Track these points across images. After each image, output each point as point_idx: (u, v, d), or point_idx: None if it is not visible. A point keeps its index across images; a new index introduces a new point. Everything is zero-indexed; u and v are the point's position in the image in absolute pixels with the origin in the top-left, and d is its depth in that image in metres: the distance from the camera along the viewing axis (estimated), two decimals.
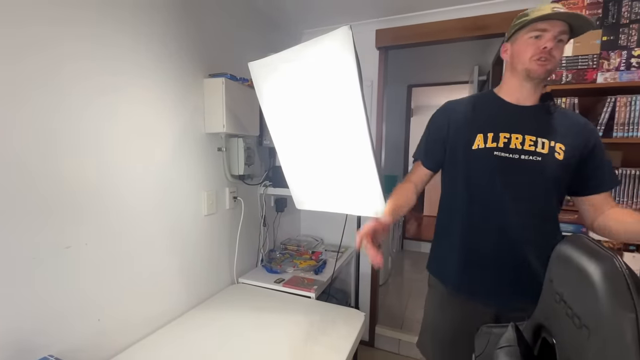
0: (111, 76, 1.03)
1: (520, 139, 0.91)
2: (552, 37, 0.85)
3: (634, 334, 0.30)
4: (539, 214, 0.92)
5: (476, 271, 0.97)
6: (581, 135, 0.91)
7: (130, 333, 1.12)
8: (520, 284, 0.92)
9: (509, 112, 0.95)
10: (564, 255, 0.44)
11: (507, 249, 0.93)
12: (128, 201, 1.10)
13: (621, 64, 1.32)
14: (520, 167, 0.91)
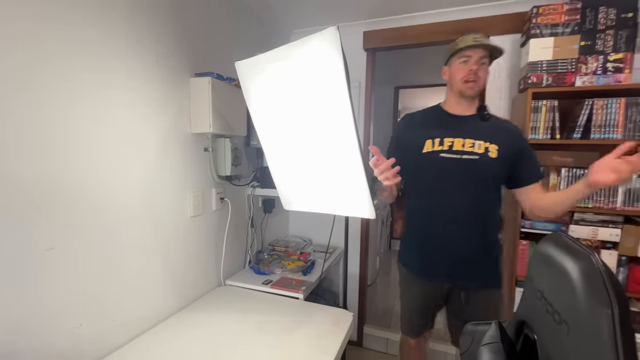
0: (96, 75, 1.00)
1: (461, 142, 1.13)
2: (475, 61, 1.10)
3: (609, 329, 0.31)
4: (480, 205, 1.13)
5: (432, 257, 1.20)
6: (512, 138, 1.14)
7: (114, 337, 1.09)
8: (467, 266, 1.15)
9: (452, 121, 1.18)
10: (543, 254, 0.45)
11: (455, 237, 1.14)
12: (111, 202, 1.07)
13: (598, 68, 1.37)
14: (462, 164, 1.12)
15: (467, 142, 1.12)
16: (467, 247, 1.14)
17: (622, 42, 1.33)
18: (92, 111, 1.00)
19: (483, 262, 1.16)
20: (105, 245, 1.05)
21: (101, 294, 1.05)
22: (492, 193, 1.15)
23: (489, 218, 1.16)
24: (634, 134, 1.35)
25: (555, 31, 1.41)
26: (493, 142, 1.11)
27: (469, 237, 1.14)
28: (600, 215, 1.42)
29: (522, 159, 1.13)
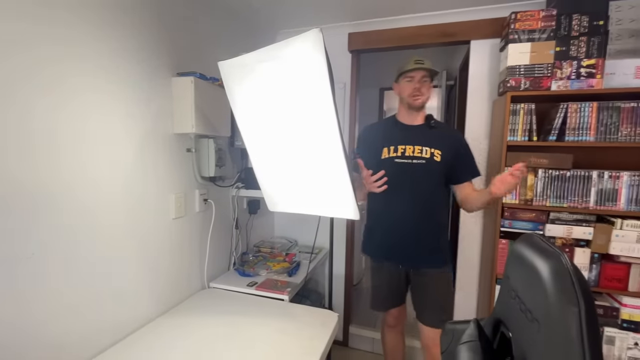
0: (75, 74, 0.96)
1: (412, 149, 1.35)
2: (418, 80, 1.33)
3: (577, 327, 0.33)
4: (429, 201, 1.35)
5: (390, 246, 1.42)
6: (452, 144, 1.36)
7: (94, 343, 1.05)
8: (420, 252, 1.38)
9: (404, 130, 1.40)
10: (517, 253, 0.47)
11: (408, 228, 1.36)
12: (90, 204, 1.03)
13: (572, 73, 1.42)
14: (412, 168, 1.34)
15: (417, 148, 1.35)
16: (418, 236, 1.37)
17: (594, 49, 1.39)
18: (70, 110, 0.96)
19: (432, 248, 1.38)
20: (80, 250, 1.02)
21: (81, 299, 1.01)
22: (439, 190, 1.38)
23: (437, 211, 1.38)
24: (605, 136, 1.41)
25: (532, 37, 1.46)
26: (437, 148, 1.34)
27: (419, 228, 1.36)
28: (575, 215, 1.48)
29: (459, 161, 1.36)
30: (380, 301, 1.55)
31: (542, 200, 1.51)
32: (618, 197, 1.41)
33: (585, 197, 1.45)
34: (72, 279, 0.99)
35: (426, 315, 1.44)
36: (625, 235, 1.39)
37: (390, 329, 1.63)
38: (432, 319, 1.42)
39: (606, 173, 1.42)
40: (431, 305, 1.43)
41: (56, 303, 0.95)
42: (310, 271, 1.73)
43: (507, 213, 1.56)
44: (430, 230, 1.38)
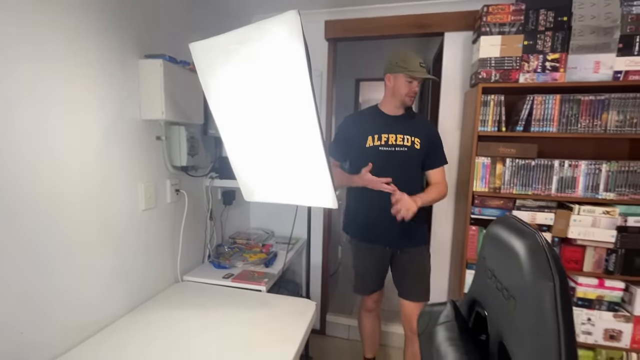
0: (30, 59, 0.87)
1: (394, 137, 1.44)
2: (417, 84, 1.42)
3: (551, 300, 0.34)
4: (409, 185, 1.41)
5: (374, 226, 1.49)
6: (428, 133, 1.47)
7: (59, 342, 0.99)
8: (404, 233, 1.46)
9: (387, 120, 1.48)
10: (494, 235, 0.48)
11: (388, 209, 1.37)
12: (50, 196, 0.95)
13: (538, 66, 1.49)
14: (395, 155, 1.44)
15: (399, 137, 1.44)
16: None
17: (558, 43, 1.46)
18: (24, 93, 0.87)
19: (411, 227, 1.45)
20: (44, 244, 0.94)
21: (43, 297, 0.94)
22: (418, 175, 1.49)
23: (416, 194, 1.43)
24: (567, 127, 1.50)
25: (503, 30, 1.51)
26: (417, 136, 1.44)
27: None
28: (538, 202, 1.57)
29: (432, 149, 1.47)
30: (365, 285, 1.61)
31: (509, 188, 1.59)
32: (576, 185, 1.52)
33: (548, 184, 1.54)
34: (33, 276, 0.91)
35: (409, 291, 1.53)
36: (582, 220, 1.49)
37: (368, 313, 1.70)
38: (415, 295, 1.52)
39: (566, 162, 1.52)
40: (413, 281, 1.53)
41: (15, 302, 0.87)
42: (287, 261, 1.72)
43: (477, 200, 1.63)
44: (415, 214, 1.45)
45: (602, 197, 1.49)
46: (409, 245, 1.51)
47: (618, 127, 1.46)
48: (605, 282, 1.52)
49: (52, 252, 0.97)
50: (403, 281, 1.55)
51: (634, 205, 1.46)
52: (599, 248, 1.51)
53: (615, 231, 1.46)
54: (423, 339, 0.68)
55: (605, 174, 1.48)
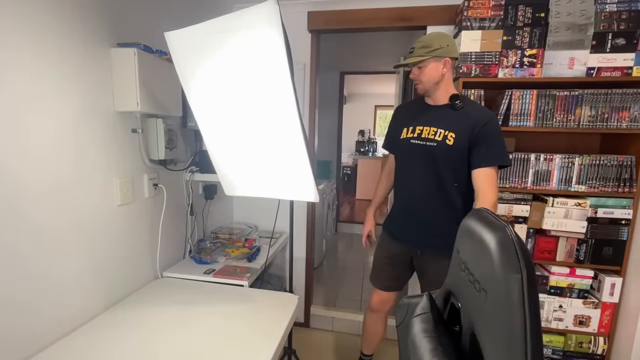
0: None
1: (428, 130, 1.30)
2: (413, 71, 1.30)
3: (519, 292, 0.35)
4: (437, 184, 1.30)
5: (399, 223, 1.44)
6: (471, 128, 1.23)
7: (30, 342, 0.94)
8: (424, 234, 1.35)
9: (425, 111, 1.35)
10: (467, 228, 0.49)
11: (416, 208, 1.35)
12: (17, 190, 0.90)
13: (516, 61, 1.52)
14: (424, 150, 1.30)
15: (432, 130, 1.29)
16: (425, 218, 1.34)
17: (535, 39, 1.49)
18: None
19: (438, 231, 1.32)
20: (11, 239, 0.89)
21: (11, 296, 0.89)
22: (451, 174, 1.28)
23: (447, 195, 1.29)
24: (543, 122, 1.54)
25: (483, 25, 1.53)
26: (452, 131, 1.25)
27: (427, 209, 1.33)
28: (515, 194, 1.62)
29: (476, 146, 1.23)
30: (377, 276, 1.54)
31: None
32: (551, 178, 1.57)
33: (524, 178, 1.59)
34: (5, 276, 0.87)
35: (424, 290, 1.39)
36: (555, 212, 1.55)
37: (371, 313, 1.61)
38: None
39: (542, 156, 1.56)
40: (429, 283, 1.41)
41: None
42: (270, 256, 1.71)
43: None
44: (437, 213, 1.31)
45: (574, 189, 1.55)
46: (427, 247, 1.37)
47: (590, 122, 1.51)
48: (576, 270, 1.59)
49: (20, 248, 0.93)
50: (421, 281, 1.47)
51: (604, 197, 1.53)
52: (570, 238, 1.58)
53: (585, 222, 1.53)
54: (400, 330, 0.69)
55: (577, 167, 1.54)
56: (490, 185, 1.21)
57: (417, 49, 1.26)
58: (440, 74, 1.26)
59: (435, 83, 1.28)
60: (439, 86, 1.29)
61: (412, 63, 1.27)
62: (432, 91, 1.31)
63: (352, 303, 2.53)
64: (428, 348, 0.47)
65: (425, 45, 1.24)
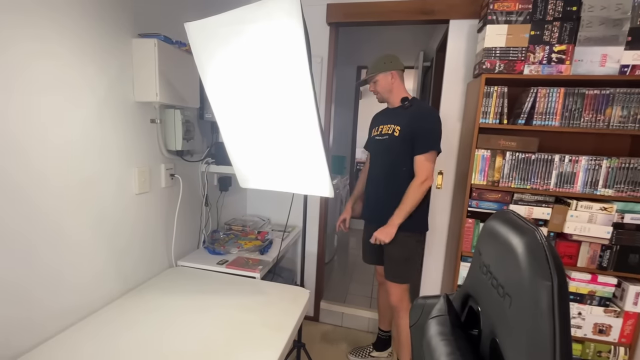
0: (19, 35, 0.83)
1: (385, 127, 1.59)
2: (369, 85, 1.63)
3: (548, 300, 0.33)
4: (391, 172, 1.55)
5: (367, 208, 1.70)
6: (411, 121, 1.49)
7: (49, 325, 0.98)
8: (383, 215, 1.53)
9: (386, 113, 1.66)
10: (491, 230, 0.47)
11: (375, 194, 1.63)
12: (39, 179, 0.93)
13: (544, 57, 1.45)
14: (381, 143, 1.59)
15: (386, 127, 1.58)
16: (383, 201, 1.58)
17: (565, 34, 1.42)
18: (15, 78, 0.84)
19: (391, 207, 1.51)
20: (33, 225, 0.92)
21: (31, 279, 0.93)
22: (400, 162, 1.52)
23: (398, 181, 1.52)
24: (569, 121, 1.48)
25: (510, 19, 1.46)
26: (398, 124, 1.52)
27: (383, 194, 1.58)
28: (536, 196, 1.56)
29: (414, 136, 1.47)
30: (365, 256, 1.81)
31: (507, 182, 1.57)
32: (576, 180, 1.50)
33: (547, 179, 1.53)
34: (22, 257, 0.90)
35: (385, 270, 1.62)
36: (579, 216, 1.49)
37: (380, 286, 1.88)
38: (388, 273, 1.60)
39: (567, 157, 1.50)
40: (388, 261, 1.60)
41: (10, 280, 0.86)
42: (282, 249, 1.72)
43: (475, 193, 1.62)
44: (392, 195, 1.53)
45: (600, 193, 1.48)
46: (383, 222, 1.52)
47: (621, 122, 1.43)
48: (599, 277, 1.53)
49: (44, 233, 0.96)
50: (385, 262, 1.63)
51: (632, 202, 1.45)
52: (593, 244, 1.51)
53: (611, 227, 1.46)
54: (414, 330, 0.68)
55: (605, 170, 1.47)
56: (422, 169, 1.46)
57: (370, 69, 1.59)
58: (389, 83, 1.55)
59: (388, 91, 1.57)
60: (392, 93, 1.57)
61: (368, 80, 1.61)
62: (387, 98, 1.60)
63: (363, 300, 2.52)
64: (445, 352, 0.46)
65: (374, 65, 1.57)
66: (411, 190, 1.46)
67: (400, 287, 1.59)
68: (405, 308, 1.60)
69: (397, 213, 1.46)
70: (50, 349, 0.94)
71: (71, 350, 0.94)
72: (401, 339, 1.65)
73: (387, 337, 1.91)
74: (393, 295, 1.60)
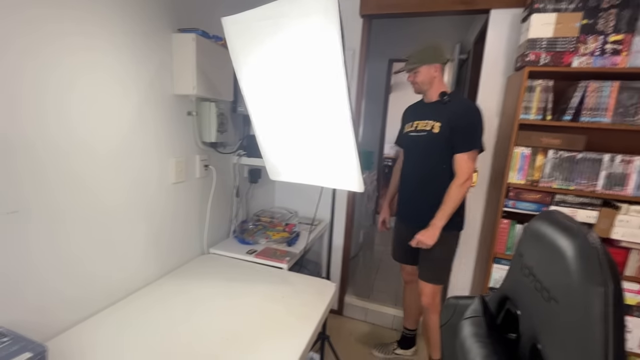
0: (66, 29, 0.90)
1: (421, 123, 1.52)
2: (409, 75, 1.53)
3: (601, 307, 0.31)
4: (430, 169, 1.49)
5: (402, 205, 1.65)
6: (453, 117, 1.41)
7: (92, 302, 1.07)
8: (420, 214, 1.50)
9: (421, 108, 1.57)
10: (535, 231, 0.44)
11: (412, 192, 1.57)
12: (89, 164, 1.00)
13: (596, 49, 1.34)
14: (418, 140, 1.52)
15: (423, 122, 1.51)
16: (420, 199, 1.53)
17: (623, 23, 1.30)
18: (69, 71, 0.91)
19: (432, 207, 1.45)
20: (82, 208, 1.00)
21: (79, 257, 1.01)
22: (440, 160, 1.46)
23: (437, 179, 1.47)
24: (622, 118, 1.36)
25: (559, 7, 1.36)
26: (438, 121, 1.45)
27: (421, 192, 1.53)
28: (581, 198, 1.46)
29: (453, 133, 1.41)
30: (396, 254, 1.77)
31: (548, 182, 1.48)
32: (627, 182, 1.39)
33: (594, 180, 1.42)
34: (72, 237, 0.98)
35: (420, 269, 1.59)
36: (629, 221, 1.37)
37: (406, 285, 1.83)
38: (423, 272, 1.57)
39: (618, 157, 1.38)
40: (424, 261, 1.56)
41: (52, 260, 0.95)
42: (309, 242, 1.74)
43: (511, 193, 1.54)
44: (429, 195, 1.49)
45: None
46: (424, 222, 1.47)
47: None
48: None
49: (88, 215, 1.04)
50: (420, 262, 1.59)
51: None
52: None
53: None
54: (445, 330, 0.66)
55: None
56: (463, 168, 1.40)
57: (413, 57, 1.48)
58: (432, 76, 1.47)
59: (428, 84, 1.48)
60: (432, 86, 1.49)
61: (409, 69, 1.50)
62: (426, 90, 1.51)
63: (387, 296, 2.50)
64: (481, 354, 0.44)
65: (419, 55, 1.46)
66: (452, 190, 1.40)
67: (435, 287, 1.55)
68: (437, 308, 1.57)
69: (439, 215, 1.41)
70: (97, 323, 1.02)
71: (114, 326, 1.01)
72: (432, 338, 1.63)
73: (412, 335, 1.88)
74: (426, 295, 1.57)
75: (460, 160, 1.41)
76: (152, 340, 0.96)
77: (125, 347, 0.93)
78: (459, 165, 1.41)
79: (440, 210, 1.42)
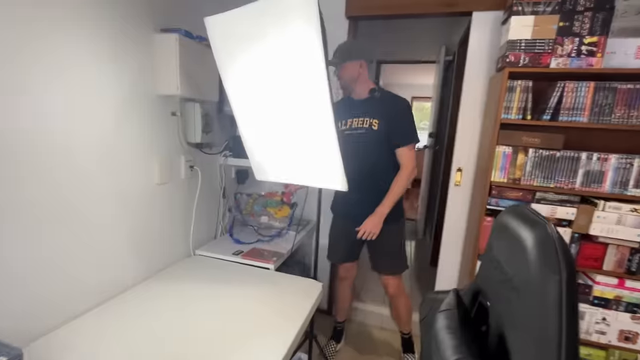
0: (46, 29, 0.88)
1: (356, 121, 1.52)
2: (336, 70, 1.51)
3: (555, 294, 0.32)
4: (373, 166, 1.50)
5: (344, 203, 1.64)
6: (389, 111, 1.46)
7: (73, 305, 1.05)
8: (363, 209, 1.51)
9: (352, 105, 1.56)
10: (502, 224, 0.46)
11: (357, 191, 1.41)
12: (64, 165, 0.99)
13: (572, 50, 1.38)
14: (358, 137, 1.51)
15: (359, 120, 1.52)
16: (366, 197, 1.52)
17: (597, 25, 1.34)
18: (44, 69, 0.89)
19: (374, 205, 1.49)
20: (61, 210, 0.98)
21: (58, 260, 0.99)
22: (382, 156, 1.50)
23: (381, 175, 1.51)
24: (598, 117, 1.40)
25: (537, 9, 1.40)
26: (374, 117, 1.48)
27: (366, 190, 1.52)
28: (560, 195, 1.50)
29: (391, 128, 1.46)
30: (334, 254, 1.75)
31: (530, 180, 1.52)
32: (604, 179, 1.43)
33: (572, 178, 1.46)
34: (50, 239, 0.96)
35: (380, 265, 1.63)
36: (606, 217, 1.41)
37: (342, 281, 1.84)
38: (386, 268, 1.62)
39: (595, 155, 1.43)
40: (383, 256, 1.61)
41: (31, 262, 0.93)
42: (296, 242, 1.74)
43: (494, 191, 1.57)
44: (376, 191, 1.51)
45: (631, 193, 1.40)
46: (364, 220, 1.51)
47: None
48: (626, 282, 1.46)
49: (69, 216, 1.02)
50: (375, 258, 1.63)
51: None
52: (622, 247, 1.44)
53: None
54: (423, 325, 0.67)
55: (637, 169, 1.38)
56: (408, 159, 1.47)
57: (339, 54, 1.48)
58: (357, 72, 1.47)
59: (353, 81, 1.48)
60: (357, 83, 1.49)
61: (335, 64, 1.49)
62: (353, 88, 1.51)
63: (376, 296, 2.51)
64: (451, 345, 0.46)
65: (344, 52, 1.48)
66: (400, 181, 1.47)
67: (398, 277, 1.62)
68: (402, 291, 1.66)
69: (386, 203, 1.46)
70: (77, 327, 1.00)
71: (95, 329, 1.00)
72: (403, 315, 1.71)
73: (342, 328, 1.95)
74: (392, 287, 1.63)
75: (404, 153, 1.48)
76: (133, 343, 0.95)
77: (105, 351, 0.92)
78: (405, 157, 1.48)
79: (387, 198, 1.47)
